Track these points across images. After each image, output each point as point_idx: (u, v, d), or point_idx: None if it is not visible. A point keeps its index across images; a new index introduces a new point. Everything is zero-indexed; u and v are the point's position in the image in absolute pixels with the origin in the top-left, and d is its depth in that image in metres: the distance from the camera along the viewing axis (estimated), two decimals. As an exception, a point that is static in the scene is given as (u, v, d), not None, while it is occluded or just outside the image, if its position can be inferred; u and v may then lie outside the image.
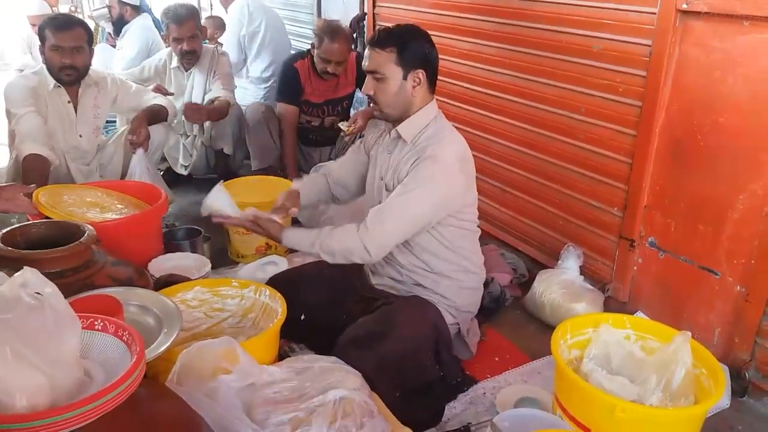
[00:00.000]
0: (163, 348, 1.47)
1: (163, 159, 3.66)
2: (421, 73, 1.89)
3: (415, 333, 1.86)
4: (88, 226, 1.82)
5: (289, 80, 3.50)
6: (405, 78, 1.89)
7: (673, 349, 1.56)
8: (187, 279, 2.09)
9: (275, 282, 2.10)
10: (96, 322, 1.37)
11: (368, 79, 1.92)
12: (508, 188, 2.86)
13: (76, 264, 1.71)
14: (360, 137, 3.50)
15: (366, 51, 1.93)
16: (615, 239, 2.36)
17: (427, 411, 1.88)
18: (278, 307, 1.81)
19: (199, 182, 3.75)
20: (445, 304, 2.01)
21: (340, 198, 2.27)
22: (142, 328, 1.60)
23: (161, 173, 3.67)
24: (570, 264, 2.39)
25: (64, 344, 1.18)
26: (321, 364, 1.67)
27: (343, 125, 3.36)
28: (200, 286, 1.92)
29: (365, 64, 1.92)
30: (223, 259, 2.87)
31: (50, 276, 1.66)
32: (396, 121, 1.96)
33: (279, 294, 1.86)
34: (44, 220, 1.95)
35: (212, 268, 2.74)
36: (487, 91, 2.87)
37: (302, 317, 2.01)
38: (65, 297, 1.61)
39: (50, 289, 1.17)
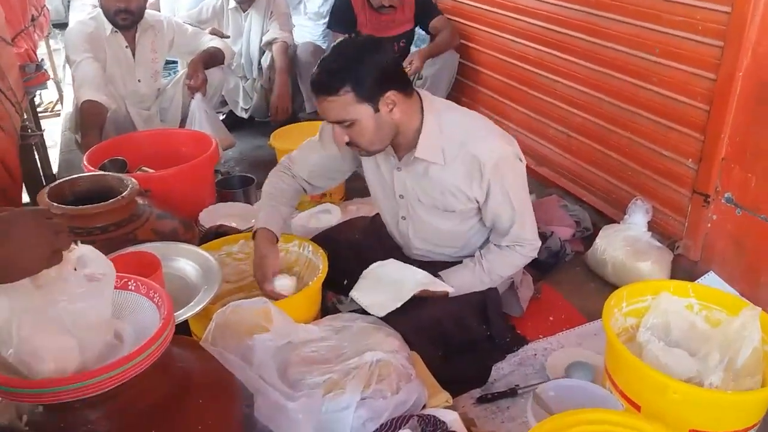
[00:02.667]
0: (198, 308, 1.47)
1: (224, 102, 3.66)
2: (391, 94, 1.59)
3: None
4: (132, 180, 1.82)
5: (341, 7, 3.38)
6: (377, 110, 1.59)
7: (741, 323, 1.42)
8: (236, 230, 2.09)
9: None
10: (129, 283, 1.36)
11: (335, 129, 1.63)
12: (573, 133, 2.68)
13: (119, 218, 1.73)
14: (419, 78, 3.37)
15: (316, 100, 1.62)
16: (688, 193, 2.17)
17: (472, 370, 1.83)
18: (320, 263, 1.78)
19: (260, 125, 3.74)
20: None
21: (310, 193, 2.06)
22: (182, 285, 1.61)
23: (223, 116, 3.69)
24: (637, 219, 2.23)
25: (93, 308, 1.18)
26: (360, 324, 1.64)
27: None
28: (246, 239, 1.90)
29: (324, 116, 1.64)
30: (279, 205, 2.86)
31: (94, 231, 1.71)
32: (395, 146, 1.74)
33: (321, 250, 1.82)
34: (90, 174, 1.96)
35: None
36: (552, 27, 2.65)
37: (345, 282, 1.97)
38: (108, 251, 1.66)
39: (103, 270, 1.14)
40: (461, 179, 1.72)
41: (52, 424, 1.10)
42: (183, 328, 1.62)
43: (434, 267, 1.85)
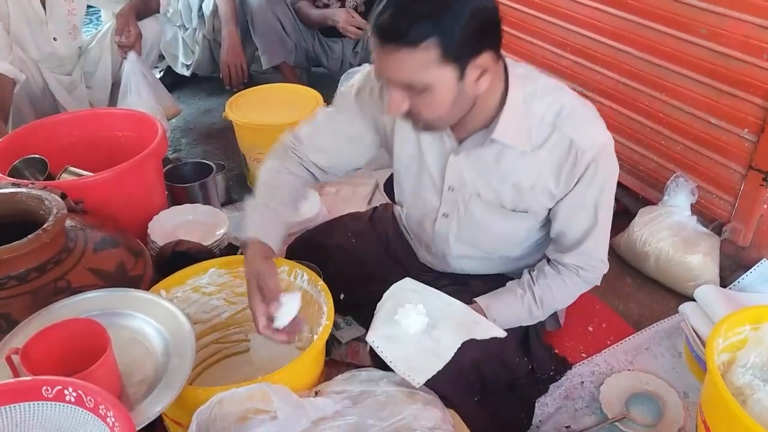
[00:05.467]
0: (167, 402, 1.04)
1: (161, 57, 3.08)
2: (486, 56, 1.15)
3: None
4: (57, 199, 1.33)
5: None
6: (462, 77, 1.15)
7: None
8: (201, 246, 1.64)
9: (298, 252, 1.65)
10: (66, 392, 0.93)
11: (393, 93, 1.17)
12: (590, 92, 2.28)
13: (43, 260, 1.25)
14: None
15: (377, 48, 1.14)
16: (741, 169, 1.82)
17: (513, 413, 1.49)
18: (322, 301, 1.35)
19: (206, 83, 3.20)
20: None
21: (322, 181, 1.58)
22: (142, 354, 1.17)
23: (160, 75, 3.12)
24: (679, 200, 1.89)
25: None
26: (385, 388, 1.25)
27: None
28: (217, 267, 1.45)
29: (382, 74, 1.17)
30: (241, 189, 2.40)
31: (7, 283, 1.23)
32: (457, 124, 1.29)
33: (322, 282, 1.39)
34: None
35: (230, 201, 2.32)
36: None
37: (341, 296, 1.56)
38: (28, 310, 1.20)
39: None
40: (548, 171, 1.30)
41: None
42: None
43: (465, 293, 1.45)
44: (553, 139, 1.27)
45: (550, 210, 1.38)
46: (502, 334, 1.32)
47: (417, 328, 1.29)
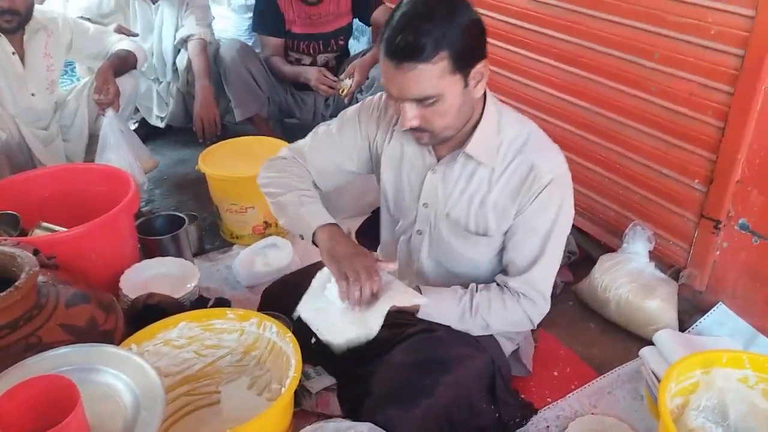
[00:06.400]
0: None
1: (136, 109, 3.13)
2: (482, 63, 1.32)
3: (471, 374, 1.46)
4: (29, 256, 1.35)
5: (265, 4, 2.94)
6: (467, 84, 1.31)
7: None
8: (171, 299, 1.67)
9: (270, 300, 1.69)
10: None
11: (407, 108, 1.31)
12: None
13: (14, 317, 1.27)
14: (359, 93, 2.97)
15: (393, 70, 1.27)
16: (694, 218, 1.92)
17: (480, 458, 1.52)
18: (290, 352, 1.39)
19: (180, 134, 3.25)
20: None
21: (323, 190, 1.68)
22: (111, 410, 1.19)
23: (134, 126, 3.17)
24: (638, 248, 1.96)
25: None
26: (354, 439, 1.28)
27: (345, 83, 2.84)
28: (187, 320, 1.48)
29: (402, 93, 1.29)
30: (214, 239, 2.44)
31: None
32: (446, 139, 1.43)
33: (290, 334, 1.42)
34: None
35: (203, 251, 2.36)
36: (525, 25, 2.32)
37: (312, 341, 1.60)
38: (1, 366, 1.22)
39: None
40: (509, 191, 1.42)
41: None
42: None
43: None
44: (516, 162, 1.41)
45: (506, 234, 1.47)
46: (425, 301, 1.41)
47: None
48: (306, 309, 1.39)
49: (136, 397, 1.19)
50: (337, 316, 1.37)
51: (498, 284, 1.52)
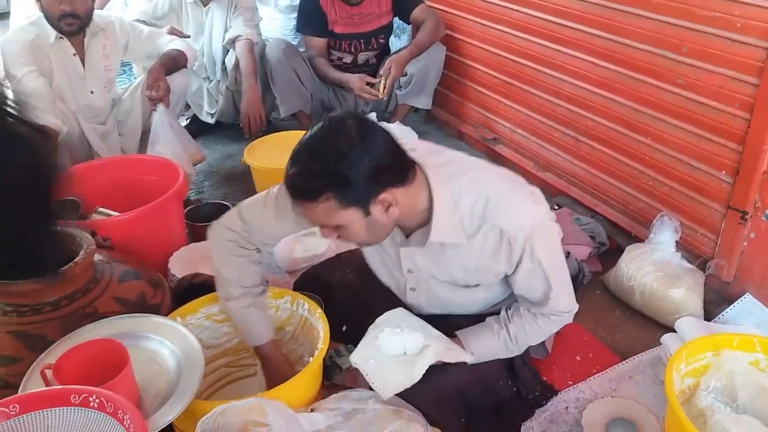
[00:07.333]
0: (177, 411, 1.19)
1: (187, 105, 3.31)
2: (386, 195, 1.28)
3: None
4: (87, 236, 1.51)
5: (309, 6, 3.06)
6: (368, 213, 1.29)
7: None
8: (214, 278, 1.79)
9: (303, 288, 1.79)
10: (91, 399, 1.08)
11: (320, 226, 1.36)
12: (583, 137, 2.43)
13: (73, 289, 1.42)
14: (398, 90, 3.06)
15: (292, 200, 1.32)
16: (720, 209, 1.94)
17: (499, 435, 1.60)
18: (319, 327, 1.50)
19: (229, 130, 3.41)
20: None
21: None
22: (157, 372, 1.32)
23: (186, 122, 3.35)
24: (664, 238, 1.99)
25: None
26: (374, 406, 1.38)
27: (380, 84, 2.93)
28: (228, 296, 1.61)
29: (305, 218, 1.36)
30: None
31: (43, 308, 1.40)
32: (400, 227, 1.46)
33: (321, 311, 1.54)
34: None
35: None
36: (559, 20, 2.38)
37: (344, 328, 1.71)
38: (61, 332, 1.37)
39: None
40: (487, 256, 1.43)
41: None
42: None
43: (449, 324, 1.58)
44: (484, 229, 1.39)
45: (504, 275, 1.51)
46: (470, 358, 1.47)
47: (395, 350, 1.43)
48: (358, 356, 1.46)
49: (178, 360, 1.33)
50: (386, 365, 1.43)
51: (525, 310, 1.56)
